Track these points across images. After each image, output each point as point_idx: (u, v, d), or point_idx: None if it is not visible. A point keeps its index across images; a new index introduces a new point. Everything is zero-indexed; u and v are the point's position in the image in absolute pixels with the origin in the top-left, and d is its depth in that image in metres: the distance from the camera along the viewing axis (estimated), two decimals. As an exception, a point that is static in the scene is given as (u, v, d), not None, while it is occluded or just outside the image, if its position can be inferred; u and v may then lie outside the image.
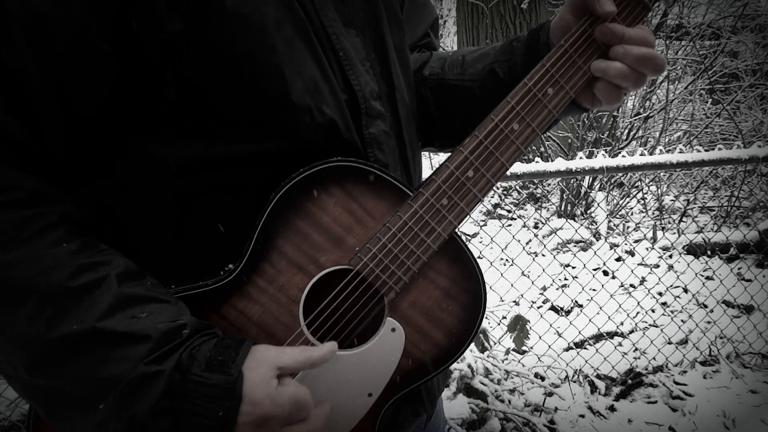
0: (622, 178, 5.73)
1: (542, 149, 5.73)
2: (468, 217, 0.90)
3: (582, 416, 3.01)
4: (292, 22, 0.82)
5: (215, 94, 0.79)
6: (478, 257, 3.45)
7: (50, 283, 0.71)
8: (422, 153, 1.12)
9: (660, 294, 4.17)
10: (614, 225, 5.50)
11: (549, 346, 3.37)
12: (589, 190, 5.56)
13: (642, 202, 5.99)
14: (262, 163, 0.83)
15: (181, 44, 0.76)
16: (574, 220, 5.39)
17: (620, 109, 5.71)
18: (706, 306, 3.94)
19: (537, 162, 2.81)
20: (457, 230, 0.89)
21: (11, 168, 0.73)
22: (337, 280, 0.85)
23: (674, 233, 5.01)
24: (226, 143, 0.81)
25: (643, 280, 4.38)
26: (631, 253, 4.61)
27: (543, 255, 4.32)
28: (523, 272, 3.58)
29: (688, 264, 3.90)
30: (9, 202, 0.72)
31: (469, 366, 2.71)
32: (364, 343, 0.87)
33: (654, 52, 0.89)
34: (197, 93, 0.79)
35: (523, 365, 3.30)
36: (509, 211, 5.90)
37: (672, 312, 3.93)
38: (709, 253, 4.66)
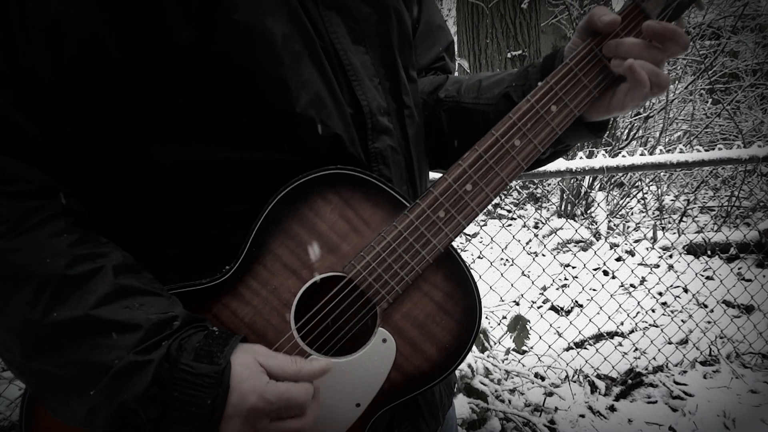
0: (622, 178, 5.73)
1: (542, 149, 5.72)
2: (464, 230, 0.90)
3: (582, 416, 3.01)
4: (300, 38, 0.84)
5: (222, 102, 0.82)
6: (478, 257, 3.47)
7: (48, 271, 0.74)
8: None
9: (660, 294, 4.17)
10: (614, 225, 5.50)
11: (549, 346, 3.37)
12: (589, 190, 5.56)
13: (642, 202, 5.99)
14: (266, 171, 0.84)
15: (191, 54, 0.78)
16: (574, 220, 5.39)
17: (620, 109, 5.70)
18: (706, 306, 3.94)
19: (537, 162, 2.81)
20: (453, 244, 0.88)
21: (20, 162, 0.76)
22: (331, 287, 0.85)
23: (674, 233, 5.01)
24: (231, 149, 0.83)
25: (643, 280, 4.37)
26: (631, 253, 4.61)
27: (543, 255, 4.32)
28: (523, 272, 3.58)
29: (688, 264, 3.90)
30: (15, 193, 0.75)
31: (469, 366, 2.72)
32: (355, 352, 0.86)
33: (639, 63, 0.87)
34: (205, 101, 0.81)
35: (523, 365, 3.30)
36: (509, 211, 5.90)
37: (672, 312, 3.93)
38: (709, 253, 4.66)
